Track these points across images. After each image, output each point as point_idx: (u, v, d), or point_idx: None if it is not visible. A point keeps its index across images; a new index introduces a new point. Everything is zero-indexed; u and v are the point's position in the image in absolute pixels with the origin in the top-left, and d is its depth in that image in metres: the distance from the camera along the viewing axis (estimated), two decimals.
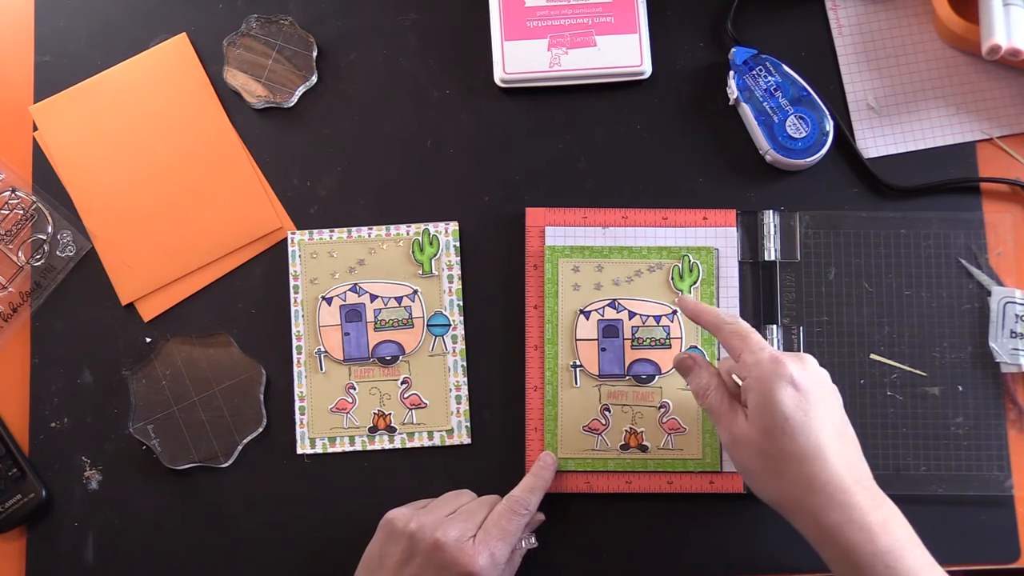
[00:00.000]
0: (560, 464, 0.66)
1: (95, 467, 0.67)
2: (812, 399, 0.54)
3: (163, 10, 0.73)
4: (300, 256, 0.69)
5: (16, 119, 0.71)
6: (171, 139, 0.70)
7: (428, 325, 0.68)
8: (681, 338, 0.67)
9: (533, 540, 0.62)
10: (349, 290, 0.68)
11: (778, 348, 0.66)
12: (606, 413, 0.66)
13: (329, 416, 0.67)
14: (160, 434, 0.67)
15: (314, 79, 0.71)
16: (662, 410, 0.66)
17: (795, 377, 0.54)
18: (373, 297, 0.68)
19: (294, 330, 0.68)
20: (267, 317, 0.69)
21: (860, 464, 0.55)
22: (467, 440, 0.67)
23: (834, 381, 0.57)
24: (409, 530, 0.58)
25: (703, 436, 0.66)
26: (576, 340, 0.67)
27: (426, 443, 0.67)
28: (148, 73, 0.71)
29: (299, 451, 0.67)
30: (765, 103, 0.69)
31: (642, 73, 0.70)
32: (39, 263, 0.69)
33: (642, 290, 0.67)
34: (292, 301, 0.68)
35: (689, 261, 0.67)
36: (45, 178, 0.70)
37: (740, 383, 0.56)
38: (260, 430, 0.67)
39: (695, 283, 0.67)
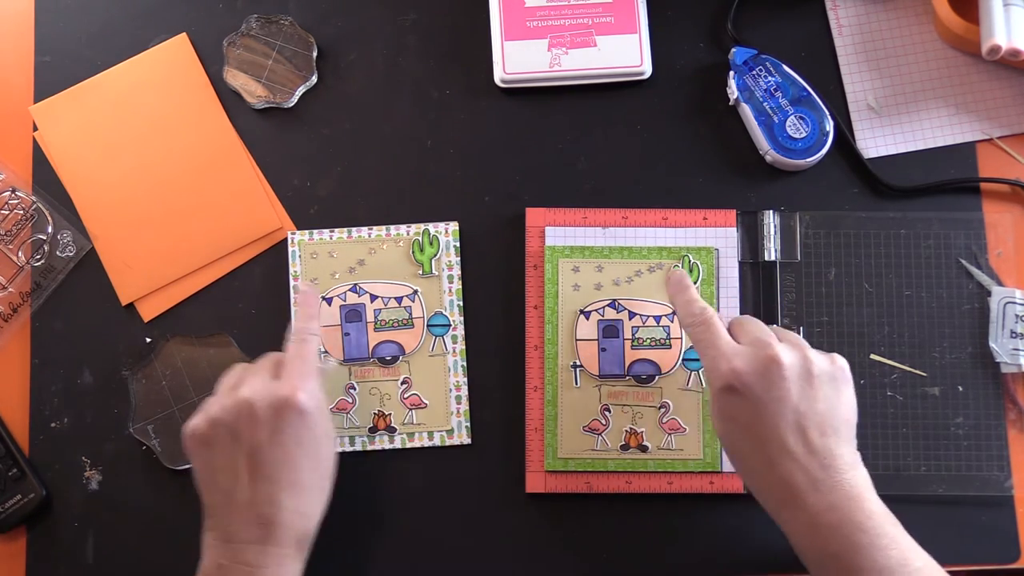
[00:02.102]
0: (560, 464, 0.66)
1: (95, 467, 0.67)
2: (758, 405, 0.54)
3: (163, 10, 0.73)
4: (300, 256, 0.69)
5: (16, 119, 0.71)
6: (171, 139, 0.70)
7: (428, 325, 0.68)
8: (681, 338, 0.67)
9: (332, 362, 0.62)
10: (349, 290, 0.68)
11: None
12: (606, 413, 0.66)
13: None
14: (160, 434, 0.67)
15: (314, 79, 0.71)
16: (662, 410, 0.66)
17: (735, 384, 0.54)
18: (373, 297, 0.68)
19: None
20: (267, 317, 0.69)
21: (827, 452, 0.53)
22: (467, 440, 0.67)
23: None
24: (214, 418, 0.56)
25: (703, 436, 0.66)
26: (576, 340, 0.67)
27: (426, 443, 0.67)
28: (148, 73, 0.71)
29: None
30: (765, 103, 0.69)
31: (642, 73, 0.70)
32: (39, 263, 0.69)
33: (642, 290, 0.67)
34: (292, 301, 0.68)
35: (689, 261, 0.67)
36: (45, 178, 0.70)
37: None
38: None
39: (695, 283, 0.67)
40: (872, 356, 0.67)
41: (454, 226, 0.69)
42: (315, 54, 0.71)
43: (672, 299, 0.62)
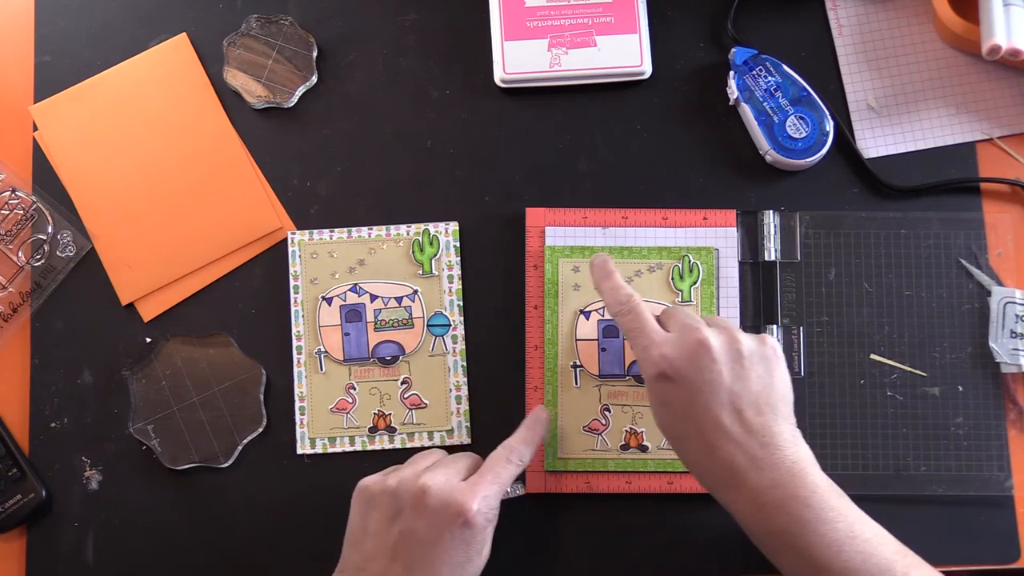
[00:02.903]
0: (560, 464, 0.66)
1: (95, 467, 0.67)
2: (692, 389, 0.54)
3: (163, 10, 0.73)
4: (300, 256, 0.69)
5: (16, 119, 0.71)
6: (171, 139, 0.70)
7: (428, 325, 0.68)
8: None
9: (520, 488, 0.61)
10: (349, 290, 0.68)
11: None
12: (606, 413, 0.66)
13: (329, 416, 0.67)
14: (160, 434, 0.67)
15: (314, 79, 0.71)
16: None
17: (666, 370, 0.54)
18: (373, 297, 0.68)
19: (294, 330, 0.68)
20: (267, 317, 0.69)
21: (766, 430, 0.53)
22: (467, 440, 0.67)
23: (834, 381, 0.57)
24: (390, 487, 0.56)
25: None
26: (576, 340, 0.67)
27: (426, 443, 0.67)
28: (148, 73, 0.71)
29: (299, 451, 0.67)
30: (765, 103, 0.69)
31: (642, 73, 0.70)
32: (39, 263, 0.69)
33: (642, 290, 0.67)
34: (292, 301, 0.68)
35: (689, 261, 0.67)
36: (45, 178, 0.70)
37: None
38: (260, 430, 0.67)
39: (695, 283, 0.67)
40: (872, 356, 0.67)
41: (454, 226, 0.69)
42: (315, 54, 0.71)
43: (597, 286, 0.61)
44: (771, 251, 0.68)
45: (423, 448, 0.67)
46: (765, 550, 0.54)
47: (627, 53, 0.70)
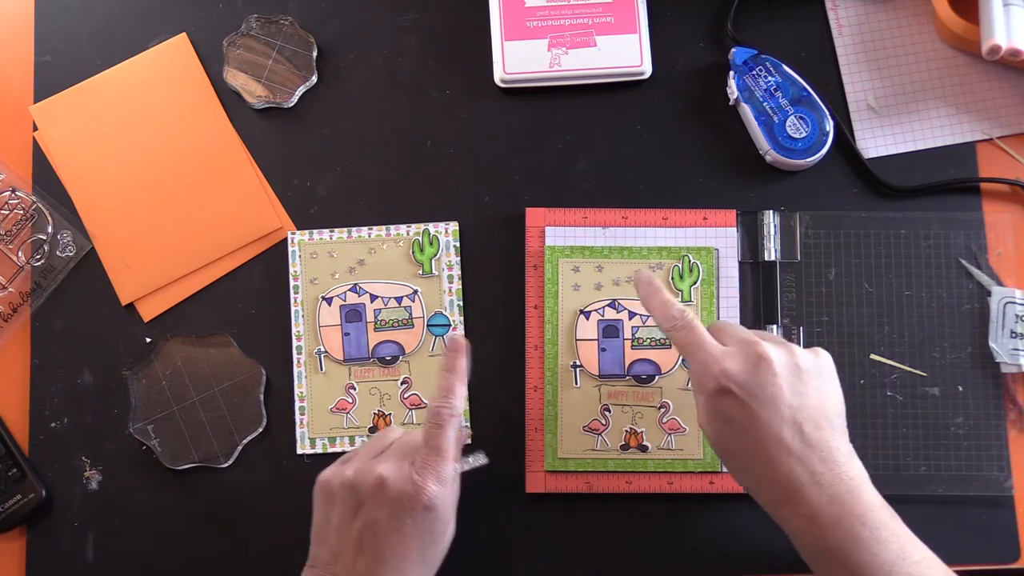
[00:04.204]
0: (560, 464, 0.66)
1: (95, 467, 0.67)
2: (753, 404, 0.53)
3: (163, 10, 0.73)
4: (300, 256, 0.69)
5: (16, 119, 0.71)
6: (171, 139, 0.70)
7: (428, 325, 0.68)
8: None
9: (483, 458, 0.60)
10: (349, 290, 0.68)
11: None
12: (606, 413, 0.66)
13: (329, 416, 0.67)
14: (160, 434, 0.67)
15: (314, 79, 0.71)
16: (662, 410, 0.66)
17: (729, 385, 0.54)
18: (373, 297, 0.68)
19: (294, 330, 0.68)
20: (267, 317, 0.69)
21: (824, 445, 0.53)
22: (467, 440, 0.67)
23: None
24: (348, 480, 0.56)
25: (703, 436, 0.66)
26: (576, 340, 0.67)
27: None
28: (148, 73, 0.71)
29: (299, 451, 0.67)
30: (765, 103, 0.69)
31: (642, 73, 0.70)
32: (39, 263, 0.69)
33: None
34: (292, 301, 0.68)
35: (689, 261, 0.67)
36: (45, 178, 0.70)
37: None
38: (260, 430, 0.67)
39: (695, 283, 0.67)
40: (872, 356, 0.67)
41: (454, 226, 0.69)
42: (315, 54, 0.71)
43: (646, 302, 0.60)
44: (771, 251, 0.68)
45: None
46: (813, 565, 0.54)
47: (627, 53, 0.70)
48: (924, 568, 0.52)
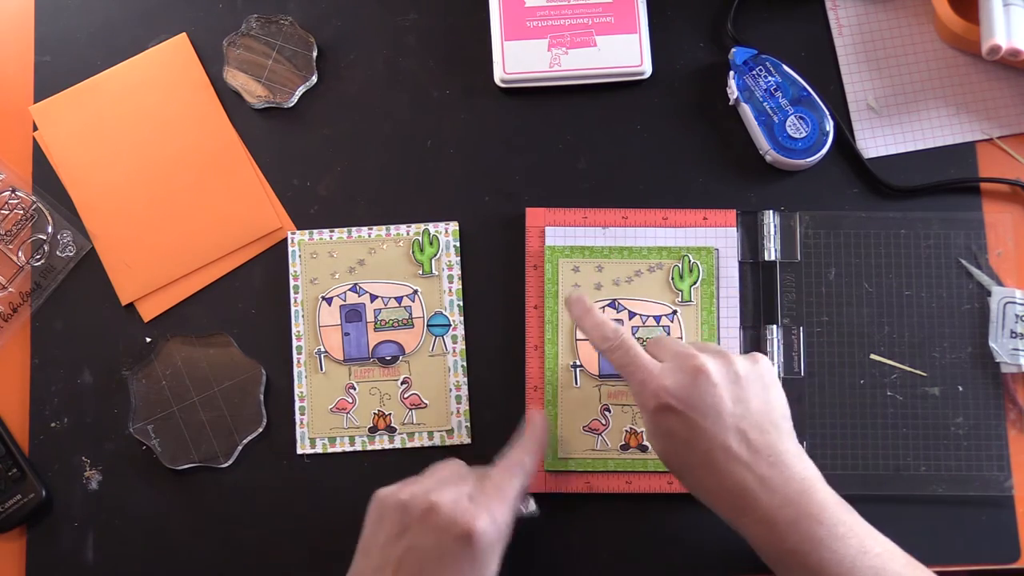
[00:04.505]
0: (560, 464, 0.66)
1: (95, 467, 0.67)
2: (696, 416, 0.53)
3: (163, 10, 0.73)
4: (300, 256, 0.69)
5: (16, 119, 0.71)
6: (171, 139, 0.70)
7: (428, 325, 0.68)
8: (681, 338, 0.67)
9: (533, 506, 0.60)
10: (349, 290, 0.68)
11: (778, 350, 0.67)
12: (606, 413, 0.66)
13: (329, 416, 0.67)
14: (160, 434, 0.67)
15: (314, 79, 0.71)
16: None
17: (668, 401, 0.54)
18: (373, 297, 0.68)
19: (294, 330, 0.68)
20: (267, 317, 0.69)
21: (771, 449, 0.53)
22: (467, 440, 0.67)
23: (834, 381, 0.57)
24: (400, 501, 0.55)
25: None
26: (576, 340, 0.67)
27: (426, 443, 0.67)
28: (148, 73, 0.71)
29: (299, 451, 0.67)
30: (765, 103, 0.69)
31: (642, 73, 0.70)
32: (39, 263, 0.69)
33: (642, 290, 0.67)
34: (292, 301, 0.68)
35: (689, 261, 0.67)
36: (45, 178, 0.70)
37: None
38: (260, 430, 0.67)
39: (695, 283, 0.67)
40: (872, 356, 0.67)
41: (454, 226, 0.69)
42: (315, 54, 0.71)
43: (579, 323, 0.60)
44: (771, 251, 0.68)
45: (423, 448, 0.67)
46: (777, 570, 0.54)
47: (627, 53, 0.70)
48: (886, 560, 0.52)
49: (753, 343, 0.67)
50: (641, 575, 0.65)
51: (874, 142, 0.70)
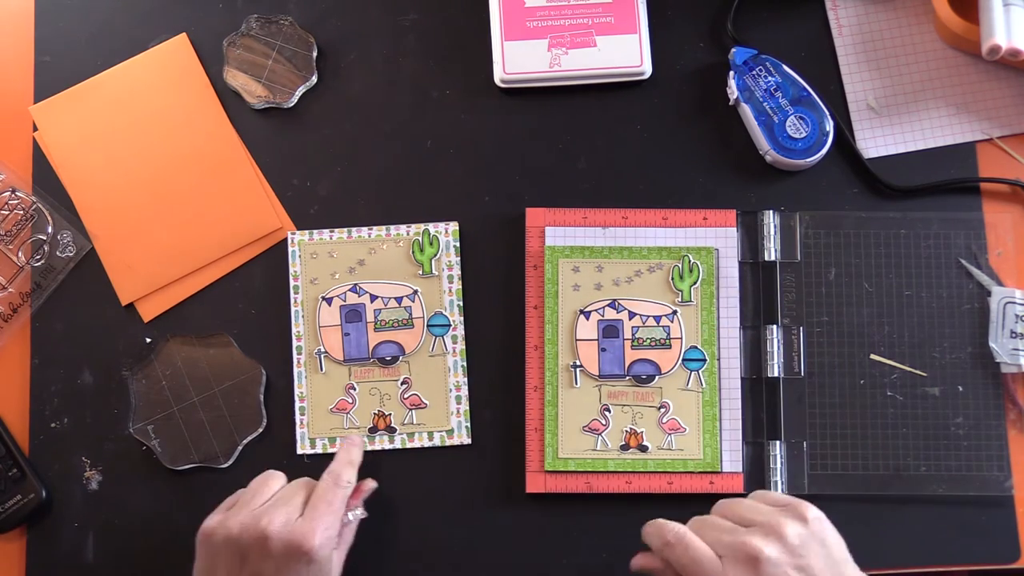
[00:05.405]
0: (560, 464, 0.66)
1: (95, 467, 0.67)
2: None
3: (163, 10, 0.73)
4: (300, 256, 0.69)
5: (16, 119, 0.71)
6: (171, 139, 0.70)
7: (428, 325, 0.68)
8: (681, 338, 0.67)
9: (360, 511, 0.62)
10: (349, 290, 0.68)
11: (778, 350, 0.67)
12: (606, 413, 0.66)
13: (329, 416, 0.67)
14: (160, 434, 0.67)
15: (314, 79, 0.71)
16: (662, 410, 0.66)
17: None
18: (373, 297, 0.68)
19: (294, 330, 0.68)
20: (267, 317, 0.69)
21: None
22: (467, 440, 0.67)
23: (834, 381, 0.56)
24: (231, 535, 0.56)
25: (703, 436, 0.66)
26: (576, 340, 0.67)
27: (426, 443, 0.67)
28: (148, 73, 0.71)
29: (299, 451, 0.67)
30: (765, 103, 0.69)
31: (642, 73, 0.70)
32: (39, 263, 0.69)
33: (642, 290, 0.67)
34: (292, 301, 0.68)
35: (689, 261, 0.67)
36: (45, 178, 0.70)
37: None
38: (260, 430, 0.67)
39: (695, 283, 0.67)
40: (872, 356, 0.67)
41: (454, 226, 0.69)
42: (315, 54, 0.71)
43: (646, 536, 0.58)
44: (771, 251, 0.68)
45: (423, 449, 0.67)
46: None
47: (627, 53, 0.70)
48: None
49: (753, 343, 0.67)
50: (640, 575, 0.65)
51: (874, 142, 0.70)
